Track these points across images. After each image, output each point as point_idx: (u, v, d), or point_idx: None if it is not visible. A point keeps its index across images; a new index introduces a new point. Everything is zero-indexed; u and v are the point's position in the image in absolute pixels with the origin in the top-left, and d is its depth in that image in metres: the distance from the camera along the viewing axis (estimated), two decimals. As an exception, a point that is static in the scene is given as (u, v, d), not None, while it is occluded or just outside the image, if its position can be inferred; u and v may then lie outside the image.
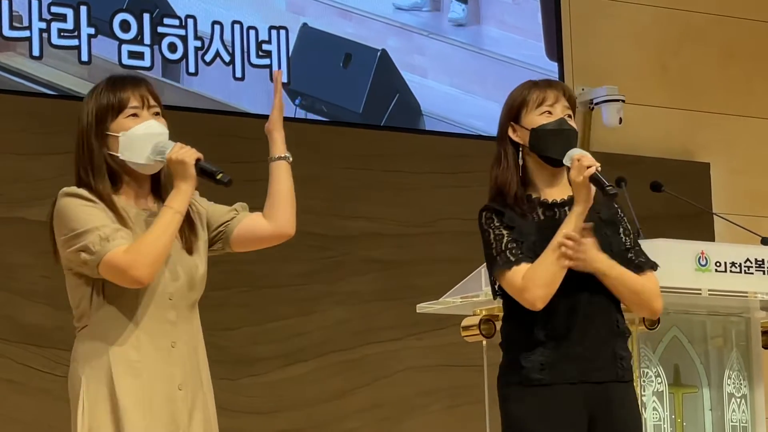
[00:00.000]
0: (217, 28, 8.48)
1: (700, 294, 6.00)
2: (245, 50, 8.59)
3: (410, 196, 8.84)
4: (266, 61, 8.60)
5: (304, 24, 8.78)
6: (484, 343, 6.10)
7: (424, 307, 6.45)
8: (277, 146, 4.27)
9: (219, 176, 4.03)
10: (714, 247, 6.49)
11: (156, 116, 4.13)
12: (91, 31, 8.11)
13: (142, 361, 4.04)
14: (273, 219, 4.26)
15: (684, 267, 6.08)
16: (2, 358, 7.53)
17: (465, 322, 6.19)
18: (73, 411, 4.03)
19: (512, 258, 4.31)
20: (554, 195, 4.41)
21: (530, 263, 4.28)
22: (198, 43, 8.43)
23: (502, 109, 4.57)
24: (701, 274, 6.01)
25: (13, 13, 7.88)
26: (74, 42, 8.10)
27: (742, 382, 6.39)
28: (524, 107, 4.45)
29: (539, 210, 4.40)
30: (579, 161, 4.26)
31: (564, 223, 4.31)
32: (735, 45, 10.25)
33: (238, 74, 8.52)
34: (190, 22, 8.43)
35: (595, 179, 4.25)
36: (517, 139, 4.42)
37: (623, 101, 9.03)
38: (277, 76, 4.35)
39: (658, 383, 6.23)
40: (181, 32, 8.41)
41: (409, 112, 9.11)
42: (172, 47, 8.35)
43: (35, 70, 8.01)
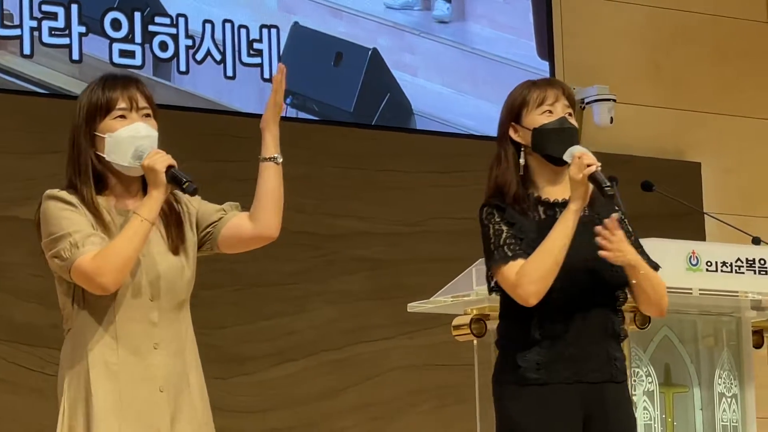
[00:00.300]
0: (208, 26, 8.50)
1: (691, 293, 6.03)
2: (236, 49, 8.61)
3: (401, 194, 8.85)
4: (257, 60, 8.64)
5: (295, 23, 8.80)
6: (475, 342, 6.10)
7: (415, 307, 6.44)
8: (268, 147, 4.27)
9: (185, 185, 4.04)
10: (705, 246, 6.57)
11: (146, 118, 4.13)
12: (82, 29, 8.12)
13: (119, 364, 4.05)
14: (256, 220, 4.28)
15: (675, 266, 6.06)
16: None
17: (456, 322, 6.19)
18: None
19: (509, 253, 4.33)
20: (555, 194, 4.45)
21: (526, 255, 4.31)
22: (189, 42, 8.44)
23: (501, 110, 4.59)
24: (692, 274, 6.04)
25: (4, 12, 7.89)
26: (65, 41, 8.13)
27: (732, 381, 6.42)
28: (525, 107, 4.48)
29: (540, 209, 4.43)
30: (580, 159, 4.30)
31: (559, 220, 4.34)
32: (727, 45, 10.24)
33: (230, 73, 8.55)
34: (182, 20, 8.43)
35: (594, 178, 4.29)
36: (518, 139, 4.45)
37: (614, 101, 9.03)
38: (281, 69, 4.28)
39: (649, 383, 6.25)
40: (172, 31, 8.42)
41: (401, 111, 9.14)
42: (163, 46, 8.36)
43: (27, 69, 8.03)
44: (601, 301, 4.43)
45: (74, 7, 8.10)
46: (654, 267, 4.53)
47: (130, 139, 4.06)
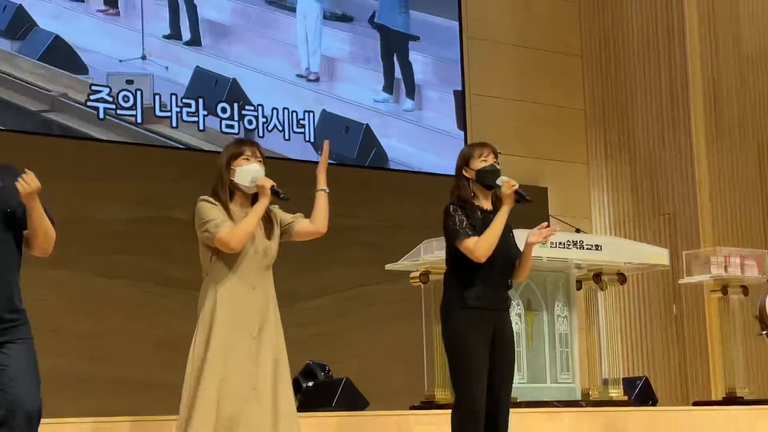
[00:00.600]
0: (275, 111, 8.84)
1: (542, 260, 6.38)
2: (290, 124, 8.86)
3: (385, 201, 9.00)
4: (302, 131, 8.94)
5: (323, 110, 9.12)
6: (422, 286, 6.45)
7: (390, 266, 6.69)
8: (320, 183, 4.37)
9: (282, 196, 4.18)
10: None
11: (259, 162, 4.24)
12: (205, 113, 8.54)
13: (235, 294, 4.15)
14: (313, 224, 4.37)
15: (535, 246, 5.35)
16: (163, 298, 7.98)
17: (412, 275, 6.51)
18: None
19: (470, 232, 4.43)
20: (486, 205, 4.57)
21: (477, 237, 4.41)
22: (264, 120, 8.79)
23: (458, 159, 4.66)
24: (544, 248, 6.28)
25: (162, 102, 8.36)
26: (195, 119, 8.51)
27: (564, 308, 6.80)
28: (471, 158, 4.57)
29: (479, 212, 4.53)
30: (508, 182, 4.45)
31: (497, 216, 4.47)
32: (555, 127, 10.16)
33: (287, 137, 8.87)
34: (260, 107, 8.81)
35: (517, 192, 4.44)
36: (468, 175, 4.56)
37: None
38: (327, 143, 4.43)
39: (519, 309, 6.58)
40: (255, 113, 8.77)
41: (381, 159, 9.37)
42: (250, 122, 8.73)
43: (174, 134, 8.44)
44: (506, 265, 4.56)
45: (201, 101, 8.54)
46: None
47: (249, 171, 4.19)
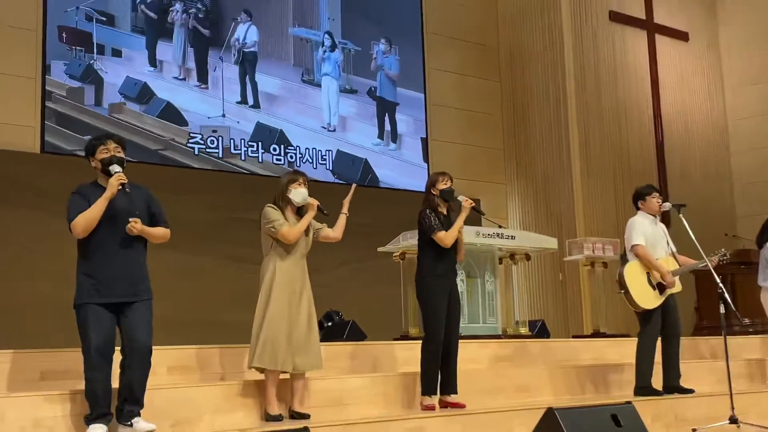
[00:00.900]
0: (307, 150, 9.10)
1: (476, 245, 6.67)
2: (317, 159, 9.11)
3: (376, 211, 8.65)
4: (324, 162, 9.15)
5: (338, 149, 9.33)
6: (401, 262, 6.71)
7: (381, 249, 6.85)
8: (344, 208, 4.58)
9: (325, 212, 4.36)
10: (482, 228, 6.80)
11: (306, 185, 4.46)
12: (262, 151, 8.81)
13: (287, 269, 4.30)
14: (334, 232, 4.53)
15: (473, 234, 6.53)
16: (235, 269, 7.73)
17: (395, 254, 6.75)
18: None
19: (441, 228, 4.59)
20: (444, 212, 4.75)
21: (445, 231, 4.57)
22: (300, 155, 9.00)
23: (427, 182, 4.81)
24: (478, 238, 6.56)
25: (235, 144, 8.57)
26: (256, 155, 8.75)
27: (491, 276, 6.96)
28: (437, 181, 4.76)
29: (441, 216, 4.68)
30: (466, 200, 4.68)
31: (458, 220, 4.67)
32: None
33: (315, 167, 9.02)
34: (298, 147, 9.06)
35: (474, 207, 4.70)
36: (434, 192, 4.76)
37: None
38: (354, 187, 4.57)
39: (462, 276, 6.69)
40: (294, 151, 9.01)
41: (375, 181, 9.49)
42: (291, 157, 8.98)
43: (242, 165, 8.62)
44: (455, 249, 4.69)
45: (260, 144, 8.77)
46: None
47: (302, 193, 4.41)
